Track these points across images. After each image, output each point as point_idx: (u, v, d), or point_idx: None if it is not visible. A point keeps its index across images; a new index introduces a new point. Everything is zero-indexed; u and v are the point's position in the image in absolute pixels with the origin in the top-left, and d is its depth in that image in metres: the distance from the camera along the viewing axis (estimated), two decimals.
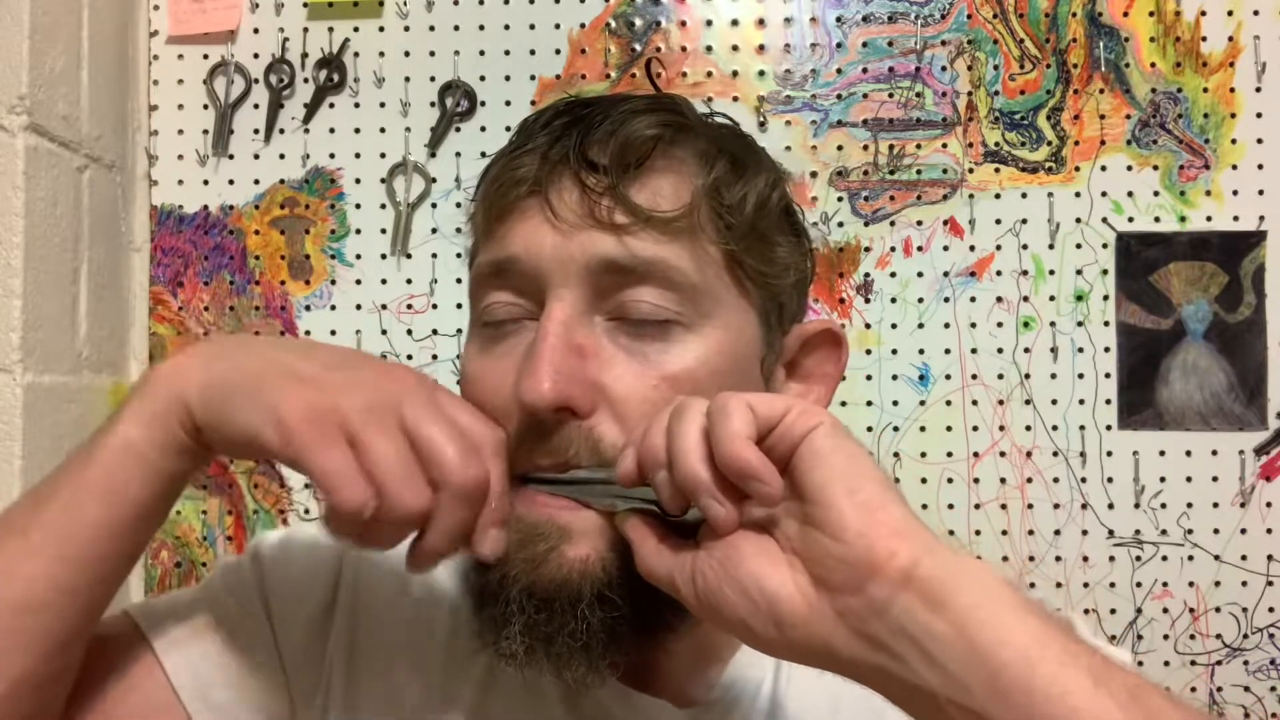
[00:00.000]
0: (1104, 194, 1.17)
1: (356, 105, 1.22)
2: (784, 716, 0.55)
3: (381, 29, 1.22)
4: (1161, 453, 1.16)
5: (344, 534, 0.46)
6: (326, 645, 0.60)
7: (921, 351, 1.18)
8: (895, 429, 1.17)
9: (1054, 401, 1.17)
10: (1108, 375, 1.16)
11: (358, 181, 1.22)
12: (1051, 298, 1.17)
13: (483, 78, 1.21)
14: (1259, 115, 1.16)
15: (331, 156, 1.22)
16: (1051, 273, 1.17)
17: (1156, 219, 1.17)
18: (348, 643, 0.60)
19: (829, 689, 0.53)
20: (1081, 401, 1.16)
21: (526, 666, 0.49)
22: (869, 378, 1.18)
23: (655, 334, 0.51)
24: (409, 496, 0.44)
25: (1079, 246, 1.17)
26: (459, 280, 1.19)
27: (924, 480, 1.17)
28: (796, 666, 0.54)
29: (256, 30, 1.22)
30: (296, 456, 0.45)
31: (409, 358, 1.20)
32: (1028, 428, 1.17)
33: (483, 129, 1.21)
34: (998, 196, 1.18)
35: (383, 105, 1.22)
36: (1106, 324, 1.17)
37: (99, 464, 0.49)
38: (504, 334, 0.53)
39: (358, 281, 1.21)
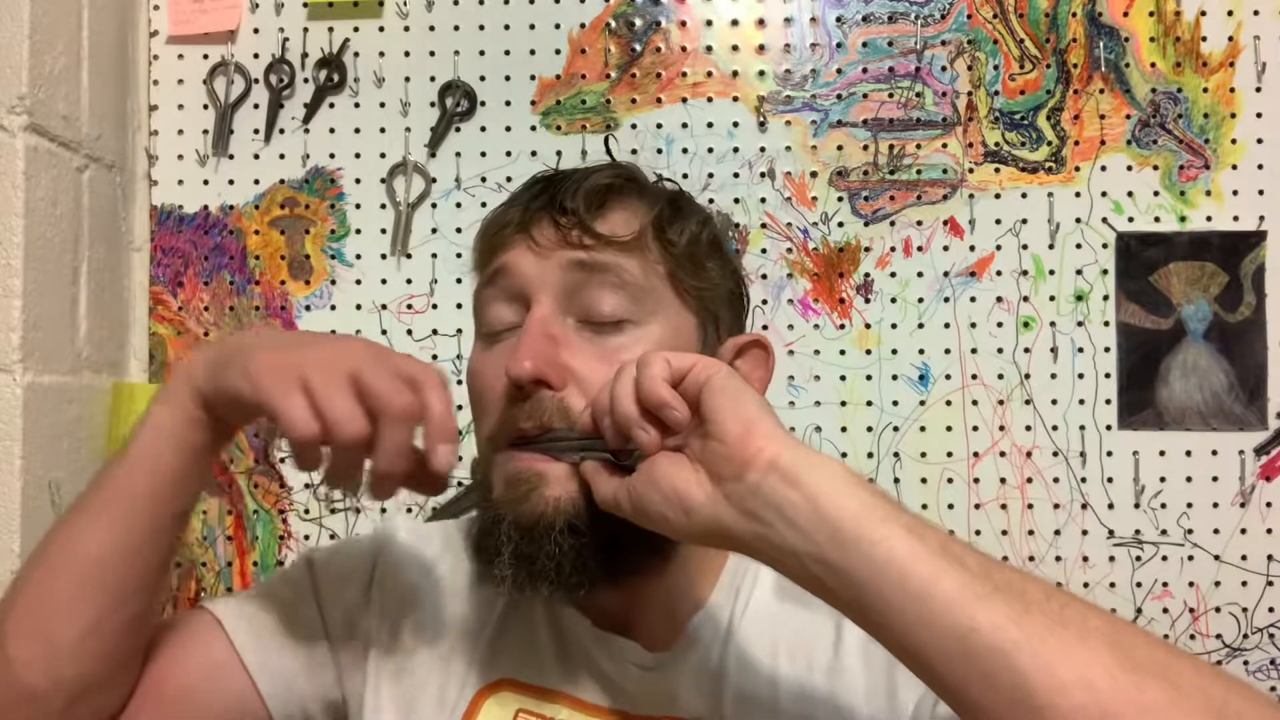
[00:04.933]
0: (1104, 194, 1.17)
1: (356, 105, 1.22)
2: (734, 654, 0.67)
3: (381, 29, 1.22)
4: (1161, 453, 1.16)
5: (307, 465, 0.56)
6: (367, 620, 0.73)
7: (921, 351, 1.18)
8: (895, 429, 1.17)
9: (1054, 401, 1.17)
10: (1108, 375, 1.16)
11: (358, 181, 1.22)
12: (1051, 298, 1.17)
13: (483, 78, 1.21)
14: (1259, 115, 1.17)
15: (331, 156, 1.22)
16: (1051, 273, 1.17)
17: (1156, 219, 1.17)
18: (384, 616, 0.73)
19: (772, 634, 0.67)
20: (1081, 401, 1.16)
21: (514, 586, 0.61)
22: (869, 378, 1.18)
23: (612, 330, 0.65)
24: (349, 424, 0.54)
25: (1079, 246, 1.17)
26: (459, 280, 1.19)
27: (924, 480, 1.17)
28: (748, 615, 0.68)
29: (256, 30, 1.22)
30: (262, 400, 0.56)
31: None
32: (1028, 428, 1.17)
33: (483, 129, 1.21)
34: (998, 196, 1.18)
35: (383, 105, 1.22)
36: (1106, 324, 1.17)
37: (139, 442, 0.62)
38: (499, 339, 0.67)
39: (358, 281, 1.21)
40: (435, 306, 1.20)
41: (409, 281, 1.21)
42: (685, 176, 1.19)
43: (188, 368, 0.62)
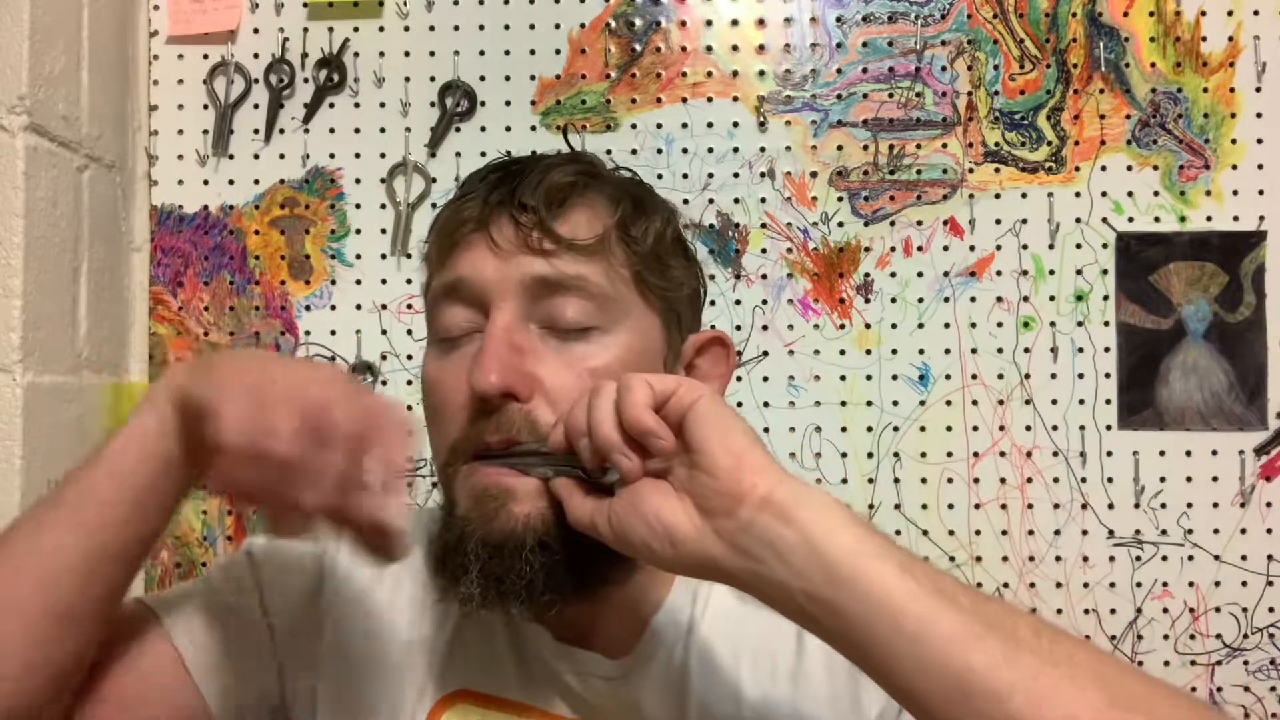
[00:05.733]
0: (1104, 194, 1.17)
1: (356, 105, 1.22)
2: (695, 654, 0.66)
3: (381, 29, 1.22)
4: (1161, 453, 1.16)
5: (236, 487, 0.53)
6: (314, 615, 0.70)
7: (921, 351, 1.18)
8: (895, 429, 1.17)
9: (1054, 401, 1.17)
10: (1108, 375, 1.16)
11: (358, 181, 1.22)
12: (1051, 298, 1.17)
13: (483, 78, 1.21)
14: (1259, 115, 1.16)
15: (331, 156, 1.22)
16: (1051, 273, 1.17)
17: (1156, 219, 1.17)
18: (333, 614, 0.70)
19: (734, 639, 0.66)
20: (1081, 401, 1.16)
21: (482, 605, 0.60)
22: (869, 378, 1.18)
23: (579, 337, 0.63)
24: (276, 437, 0.50)
25: (1079, 246, 1.17)
26: None
27: (924, 480, 1.17)
28: (704, 620, 0.67)
29: (256, 30, 1.22)
30: (211, 409, 0.51)
31: (409, 358, 1.20)
32: (1028, 428, 1.17)
33: (483, 129, 1.21)
34: (998, 196, 1.18)
35: (383, 105, 1.22)
36: (1106, 324, 1.17)
37: (112, 447, 0.58)
38: (457, 345, 0.64)
39: (358, 281, 1.21)
40: None
41: (409, 281, 1.21)
42: (685, 176, 1.19)
43: (177, 366, 0.59)
